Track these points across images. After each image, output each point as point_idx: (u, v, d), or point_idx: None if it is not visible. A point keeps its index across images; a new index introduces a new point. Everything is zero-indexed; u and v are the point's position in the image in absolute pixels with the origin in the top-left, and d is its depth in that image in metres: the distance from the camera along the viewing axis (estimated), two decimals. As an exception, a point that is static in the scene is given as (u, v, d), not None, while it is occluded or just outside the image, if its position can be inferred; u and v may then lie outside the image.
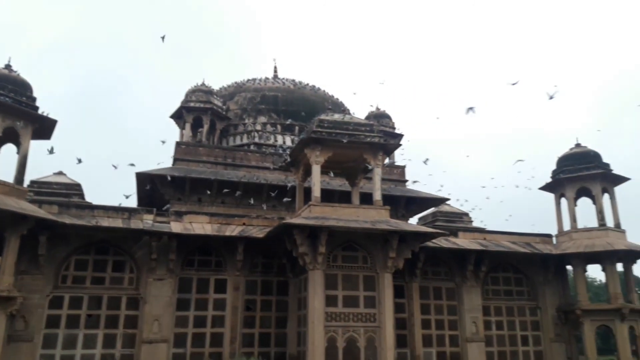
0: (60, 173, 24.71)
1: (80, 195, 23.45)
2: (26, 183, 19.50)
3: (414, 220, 28.84)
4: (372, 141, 19.81)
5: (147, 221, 19.75)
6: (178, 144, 26.63)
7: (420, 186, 27.40)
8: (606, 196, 24.96)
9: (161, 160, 23.16)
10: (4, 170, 18.23)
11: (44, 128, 19.25)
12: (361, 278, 18.84)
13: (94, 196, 26.70)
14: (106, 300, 18.89)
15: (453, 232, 23.83)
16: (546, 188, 26.36)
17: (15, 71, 19.21)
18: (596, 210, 24.74)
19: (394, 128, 30.49)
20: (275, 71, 34.35)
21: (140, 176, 23.56)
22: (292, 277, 20.73)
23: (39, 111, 18.75)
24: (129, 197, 22.48)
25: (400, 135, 29.64)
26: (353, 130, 19.96)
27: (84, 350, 18.14)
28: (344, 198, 23.27)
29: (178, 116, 29.08)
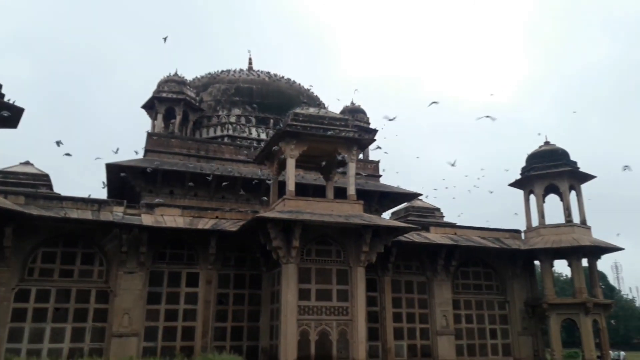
0: (27, 163, 24.01)
1: (48, 186, 22.84)
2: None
3: (387, 214, 29.08)
4: (347, 136, 19.86)
5: (118, 213, 19.40)
6: (150, 135, 26.15)
7: (397, 180, 27.63)
8: (573, 193, 25.59)
9: (133, 150, 22.51)
10: (-34, 160, 17.61)
11: (10, 116, 18.60)
12: (334, 272, 18.93)
13: (63, 187, 26.08)
14: (75, 294, 18.52)
15: (425, 227, 24.13)
16: (516, 185, 26.86)
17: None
18: (563, 207, 25.35)
19: (369, 123, 30.61)
20: (250, 63, 34.02)
21: (111, 167, 23.08)
22: (266, 271, 20.67)
23: (5, 99, 18.11)
24: (104, 188, 21.76)
25: (374, 130, 29.75)
26: (328, 125, 19.97)
27: (51, 345, 17.75)
28: (318, 192, 23.28)
29: (150, 106, 28.51)
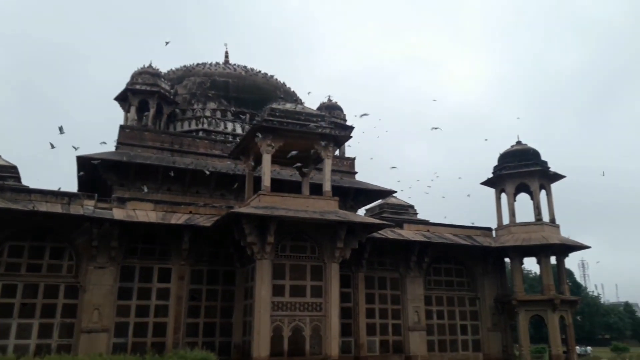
0: (-7, 154, 23.30)
1: (16, 178, 22.21)
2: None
3: (362, 211, 29.19)
4: (324, 132, 19.85)
5: (88, 207, 19.00)
6: (122, 128, 25.61)
7: (370, 177, 27.76)
8: (543, 192, 26.11)
9: (105, 143, 21.99)
10: None
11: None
12: (309, 268, 18.95)
13: (32, 180, 25.39)
14: (43, 289, 18.11)
15: (399, 224, 24.32)
16: (487, 183, 27.26)
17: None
18: (534, 205, 25.83)
19: (345, 120, 30.61)
20: (227, 56, 33.58)
21: (81, 160, 22.56)
22: (240, 267, 20.56)
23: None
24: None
25: (351, 127, 29.81)
26: (305, 121, 19.92)
27: (17, 341, 17.34)
28: (294, 188, 23.22)
29: (123, 98, 27.92)
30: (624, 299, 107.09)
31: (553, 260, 25.54)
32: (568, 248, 25.45)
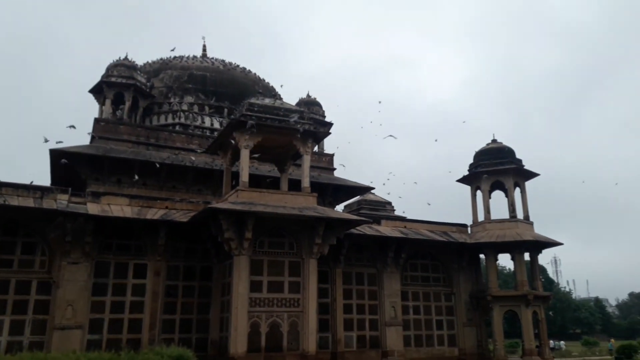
0: (-38, 146, 22.66)
1: (-14, 172, 21.66)
2: None
3: (340, 207, 29.26)
4: (303, 128, 19.78)
5: (62, 201, 18.59)
6: (97, 121, 25.10)
7: (348, 173, 27.81)
8: (518, 190, 26.53)
9: (79, 136, 21.62)
10: None
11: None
12: (287, 264, 18.94)
13: (3, 174, 24.76)
14: (14, 284, 17.71)
15: (376, 220, 24.46)
16: (463, 180, 27.58)
17: None
18: (508, 202, 26.25)
19: (324, 116, 30.57)
20: (204, 50, 33.17)
21: (55, 153, 22.08)
22: (217, 263, 20.41)
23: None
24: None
25: (330, 124, 29.79)
26: (283, 116, 19.84)
27: (-12, 338, 16.94)
28: (272, 184, 23.13)
29: (98, 91, 27.38)
30: (595, 295, 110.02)
31: (527, 256, 26.00)
32: (541, 245, 25.92)
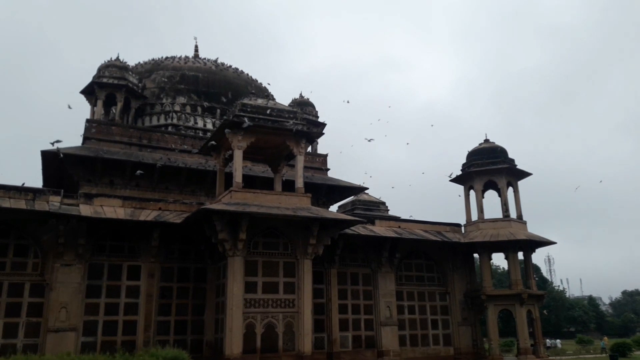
0: (-48, 149, 22.47)
1: (-23, 174, 21.48)
2: None
3: (334, 207, 29.24)
4: (296, 128, 19.75)
5: (54, 203, 18.45)
6: (89, 122, 24.90)
7: (342, 174, 27.82)
8: (510, 189, 26.63)
9: (71, 138, 21.47)
10: None
11: None
12: (281, 264, 18.90)
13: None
14: (7, 287, 17.53)
15: (370, 220, 24.46)
16: (456, 180, 27.65)
17: None
18: (501, 202, 26.34)
19: (317, 116, 30.54)
20: (196, 50, 33.06)
21: (47, 155, 21.95)
22: (211, 264, 20.33)
23: None
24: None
25: (323, 124, 29.78)
26: (277, 117, 19.81)
27: (-19, 341, 16.77)
28: (266, 184, 23.08)
29: (89, 92, 27.19)
30: (588, 293, 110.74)
31: (520, 255, 26.10)
32: (535, 244, 26.02)
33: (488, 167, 26.38)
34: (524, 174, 26.91)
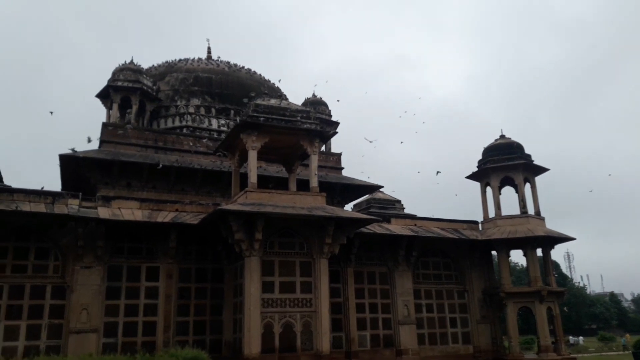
0: (-26, 154, 22.86)
1: (-2, 179, 21.85)
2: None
3: (349, 206, 29.21)
4: (309, 128, 19.76)
5: (73, 206, 18.69)
6: (105, 125, 25.20)
7: (357, 173, 27.76)
8: (528, 185, 26.35)
9: (86, 140, 21.64)
10: None
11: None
12: (298, 264, 18.91)
13: (15, 180, 24.91)
14: (29, 290, 17.79)
15: (386, 219, 24.36)
16: (472, 177, 27.43)
17: None
18: (518, 198, 26.05)
19: (330, 116, 30.52)
20: (209, 52, 33.23)
21: (64, 158, 22.25)
22: (228, 264, 20.43)
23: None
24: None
25: (336, 123, 29.75)
26: (290, 117, 19.81)
27: (5, 343, 17.04)
28: (280, 184, 23.13)
29: (105, 95, 27.48)
30: (609, 290, 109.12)
31: (539, 252, 25.80)
32: (553, 240, 25.73)
33: (505, 163, 26.12)
34: (541, 170, 26.61)
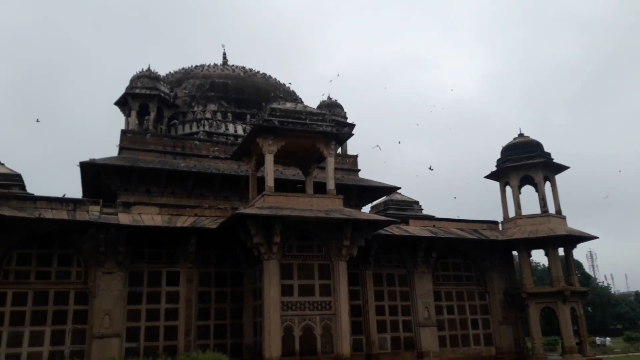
0: (-2, 163, 23.29)
1: (21, 186, 22.20)
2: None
3: (366, 208, 29.09)
4: (325, 130, 19.76)
5: (94, 213, 18.98)
6: (124, 132, 25.52)
7: (374, 174, 27.63)
8: (548, 184, 25.99)
9: (107, 148, 22.05)
10: None
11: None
12: (316, 267, 18.90)
13: (36, 188, 25.36)
14: (53, 295, 18.12)
15: (404, 220, 24.22)
16: (492, 176, 27.16)
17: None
18: (539, 197, 25.73)
19: (346, 118, 30.49)
20: (225, 57, 33.48)
21: (85, 166, 22.58)
22: (247, 268, 20.51)
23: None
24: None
25: (352, 125, 29.71)
26: (305, 120, 19.84)
27: (30, 348, 17.36)
28: (297, 187, 23.14)
29: (123, 103, 27.86)
30: (635, 289, 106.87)
31: (561, 252, 25.43)
32: (575, 239, 25.33)
33: (524, 162, 25.82)
34: (561, 168, 26.24)
